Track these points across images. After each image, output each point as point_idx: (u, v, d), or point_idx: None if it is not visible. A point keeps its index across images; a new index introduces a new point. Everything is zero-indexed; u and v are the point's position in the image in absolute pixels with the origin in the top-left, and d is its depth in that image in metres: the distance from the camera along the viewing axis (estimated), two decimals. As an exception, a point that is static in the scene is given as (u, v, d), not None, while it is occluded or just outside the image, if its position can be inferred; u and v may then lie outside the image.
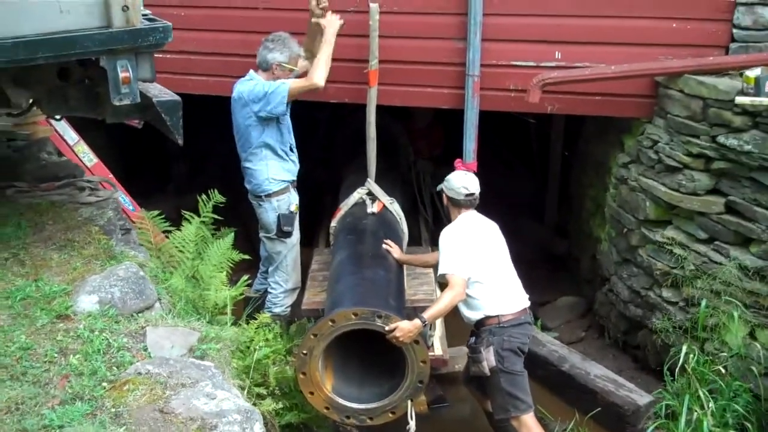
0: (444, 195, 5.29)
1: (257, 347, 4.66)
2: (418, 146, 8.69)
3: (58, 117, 5.13)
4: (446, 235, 5.07)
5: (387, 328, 4.66)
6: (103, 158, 6.47)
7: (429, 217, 7.95)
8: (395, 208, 6.32)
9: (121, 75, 3.83)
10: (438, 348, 5.92)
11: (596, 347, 6.47)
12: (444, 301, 4.82)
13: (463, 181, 5.16)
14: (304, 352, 4.74)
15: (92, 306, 3.64)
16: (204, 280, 4.97)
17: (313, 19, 5.73)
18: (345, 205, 6.34)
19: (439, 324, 6.05)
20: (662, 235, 5.61)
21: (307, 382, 4.80)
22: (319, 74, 5.49)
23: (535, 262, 7.78)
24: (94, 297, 3.68)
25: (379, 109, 6.23)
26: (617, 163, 6.19)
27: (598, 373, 5.82)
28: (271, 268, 6.07)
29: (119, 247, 4.43)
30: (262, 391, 4.62)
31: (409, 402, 4.88)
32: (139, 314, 3.72)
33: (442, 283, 5.08)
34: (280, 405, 4.66)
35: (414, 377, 4.83)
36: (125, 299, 3.73)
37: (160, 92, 4.19)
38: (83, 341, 3.40)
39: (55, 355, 3.30)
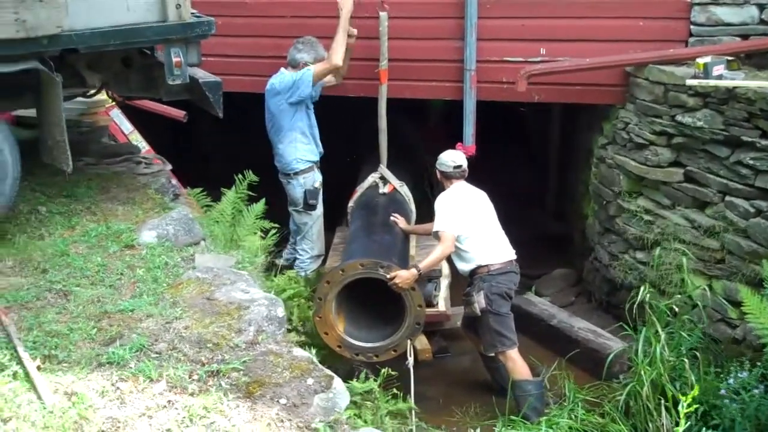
0: (437, 171, 6.20)
1: (284, 289, 5.61)
2: (434, 146, 9.59)
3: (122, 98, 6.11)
4: (440, 199, 6.01)
5: (388, 276, 5.59)
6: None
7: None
8: (405, 190, 7.25)
9: (174, 60, 4.84)
10: (442, 306, 6.79)
11: (584, 310, 7.29)
12: (436, 253, 5.78)
13: (452, 156, 6.11)
14: (320, 297, 5.68)
15: (152, 239, 4.61)
16: (240, 239, 5.89)
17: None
18: (360, 188, 7.29)
19: (443, 286, 6.91)
20: (634, 204, 6.48)
21: (322, 323, 5.73)
22: (337, 55, 6.41)
23: (535, 244, 8.66)
24: (153, 233, 4.65)
25: (399, 113, 7.12)
26: (598, 145, 7.09)
27: (581, 326, 6.68)
28: (298, 238, 7.02)
29: (171, 203, 5.41)
30: (287, 326, 5.55)
31: (409, 341, 5.77)
32: (189, 247, 4.68)
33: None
34: (303, 338, 5.59)
35: (412, 319, 5.74)
36: (177, 235, 4.69)
37: (204, 75, 5.18)
38: (146, 261, 4.36)
39: (125, 269, 4.27)
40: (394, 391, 5.39)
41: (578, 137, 8.23)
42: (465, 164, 6.14)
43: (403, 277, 5.59)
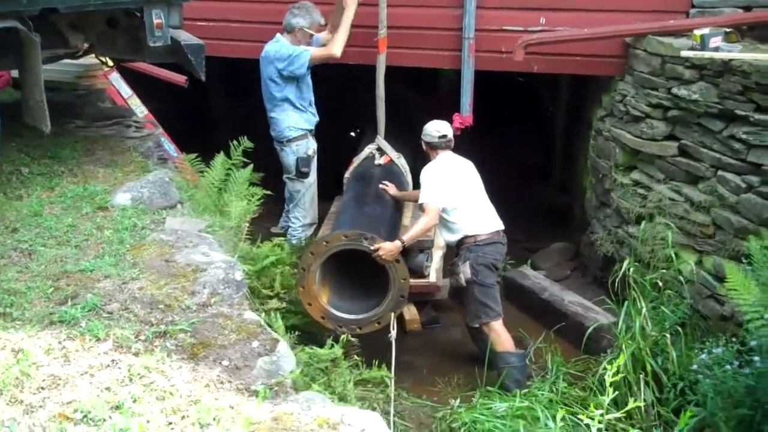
0: (423, 142, 6.14)
1: (267, 256, 5.61)
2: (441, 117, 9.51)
3: (108, 60, 6.11)
4: (425, 171, 5.97)
5: (372, 248, 5.56)
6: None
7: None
8: (402, 162, 7.19)
9: (155, 21, 4.83)
10: (433, 277, 6.77)
11: (579, 284, 7.21)
12: (419, 225, 5.76)
13: (436, 126, 6.06)
14: (303, 268, 5.68)
15: (126, 201, 4.62)
16: (226, 204, 5.85)
17: None
18: (357, 159, 7.26)
19: (436, 258, 6.88)
20: (629, 177, 6.38)
21: (306, 294, 5.73)
22: (337, 46, 6.42)
23: (538, 216, 8.63)
24: (128, 195, 4.66)
25: (405, 83, 7.07)
26: (596, 117, 6.98)
27: (571, 299, 6.63)
28: (291, 206, 7.02)
29: (154, 167, 5.41)
30: (269, 292, 5.57)
31: (392, 314, 5.75)
32: (163, 210, 4.68)
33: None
34: (284, 305, 5.60)
35: (396, 292, 5.71)
36: (152, 198, 4.70)
37: (188, 38, 5.16)
38: (116, 223, 4.38)
39: (94, 230, 4.29)
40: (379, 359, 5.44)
41: (583, 109, 8.12)
42: (450, 134, 6.10)
43: (386, 248, 5.56)
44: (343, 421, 2.88)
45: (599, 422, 3.58)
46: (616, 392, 4.05)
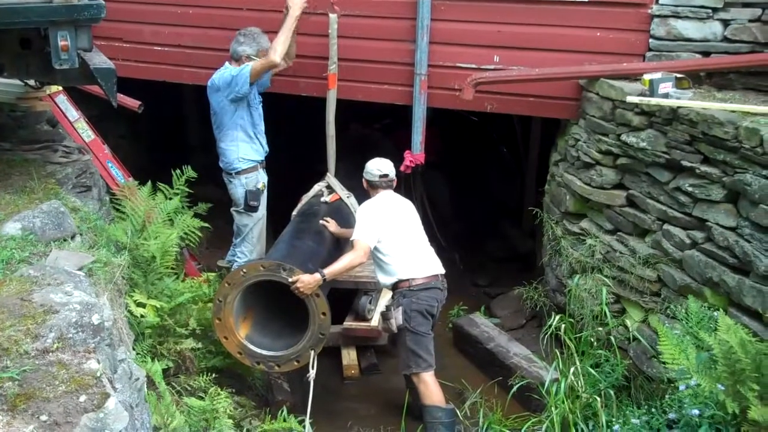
0: (364, 180, 5.88)
1: (182, 293, 5.35)
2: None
3: (24, 81, 5.87)
4: (361, 208, 5.72)
5: (290, 280, 5.28)
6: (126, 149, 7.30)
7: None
8: (351, 201, 6.90)
9: (61, 43, 4.58)
10: (375, 321, 6.49)
11: (533, 334, 6.85)
12: (343, 260, 5.45)
13: (377, 165, 5.79)
14: (220, 298, 5.40)
15: (15, 231, 4.36)
16: (149, 236, 5.59)
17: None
18: (306, 197, 7.00)
19: (383, 301, 6.60)
20: (578, 226, 6.06)
21: (222, 327, 5.44)
22: (275, 52, 6.13)
23: (505, 260, 8.31)
24: (18, 224, 4.40)
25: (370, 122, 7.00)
26: (552, 161, 6.67)
27: (517, 351, 6.29)
28: (237, 240, 6.77)
29: (67, 195, 5.17)
30: (184, 331, 5.30)
31: (312, 352, 5.45)
32: (55, 242, 4.43)
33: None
34: (200, 345, 5.33)
35: (316, 328, 5.40)
36: (44, 229, 4.44)
37: (100, 61, 4.92)
38: (-6, 254, 4.13)
39: (-32, 262, 4.04)
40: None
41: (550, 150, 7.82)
42: (392, 174, 5.83)
43: (305, 281, 5.27)
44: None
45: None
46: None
